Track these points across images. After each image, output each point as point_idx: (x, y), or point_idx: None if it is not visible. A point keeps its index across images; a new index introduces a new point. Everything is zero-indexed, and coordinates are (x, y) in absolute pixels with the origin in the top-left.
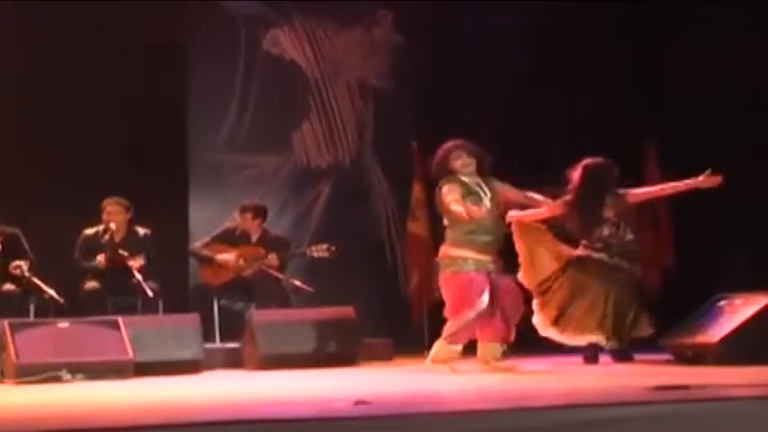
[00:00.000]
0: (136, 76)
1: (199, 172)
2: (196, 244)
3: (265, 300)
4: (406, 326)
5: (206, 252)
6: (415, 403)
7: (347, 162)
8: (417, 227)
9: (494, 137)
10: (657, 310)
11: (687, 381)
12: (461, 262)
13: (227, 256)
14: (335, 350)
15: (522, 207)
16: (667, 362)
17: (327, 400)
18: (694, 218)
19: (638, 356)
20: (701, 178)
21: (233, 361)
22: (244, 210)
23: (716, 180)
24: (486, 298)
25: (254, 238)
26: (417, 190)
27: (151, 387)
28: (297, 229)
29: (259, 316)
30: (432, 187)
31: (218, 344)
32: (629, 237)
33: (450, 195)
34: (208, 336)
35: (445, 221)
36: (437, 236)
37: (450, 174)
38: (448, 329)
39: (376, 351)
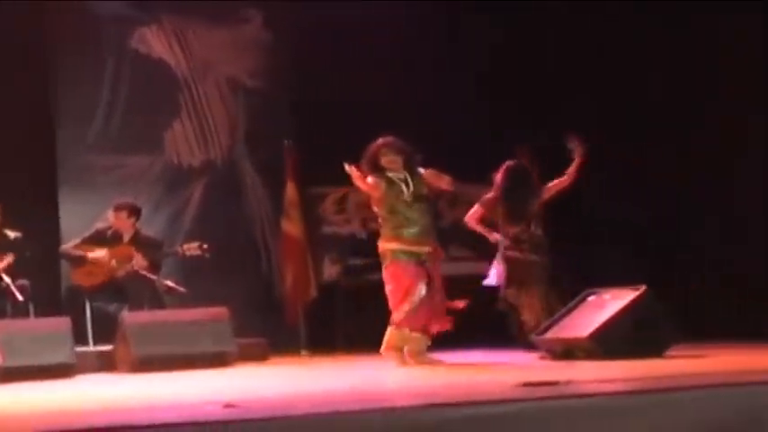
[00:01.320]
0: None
1: (69, 172)
2: (67, 245)
3: (138, 301)
4: (281, 325)
5: (77, 253)
6: (285, 406)
7: (219, 161)
8: (291, 226)
9: (369, 133)
10: None
11: (557, 376)
12: (391, 254)
13: (99, 255)
14: (209, 351)
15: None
16: (540, 357)
17: (198, 403)
18: (565, 215)
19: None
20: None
21: (106, 364)
22: (118, 208)
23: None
24: (422, 284)
25: (126, 238)
26: (290, 189)
27: (21, 393)
28: (171, 229)
29: (131, 317)
30: (305, 186)
31: (91, 347)
32: (539, 232)
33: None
34: (80, 339)
35: (379, 220)
36: (311, 235)
37: (378, 170)
38: (394, 318)
39: (250, 351)
